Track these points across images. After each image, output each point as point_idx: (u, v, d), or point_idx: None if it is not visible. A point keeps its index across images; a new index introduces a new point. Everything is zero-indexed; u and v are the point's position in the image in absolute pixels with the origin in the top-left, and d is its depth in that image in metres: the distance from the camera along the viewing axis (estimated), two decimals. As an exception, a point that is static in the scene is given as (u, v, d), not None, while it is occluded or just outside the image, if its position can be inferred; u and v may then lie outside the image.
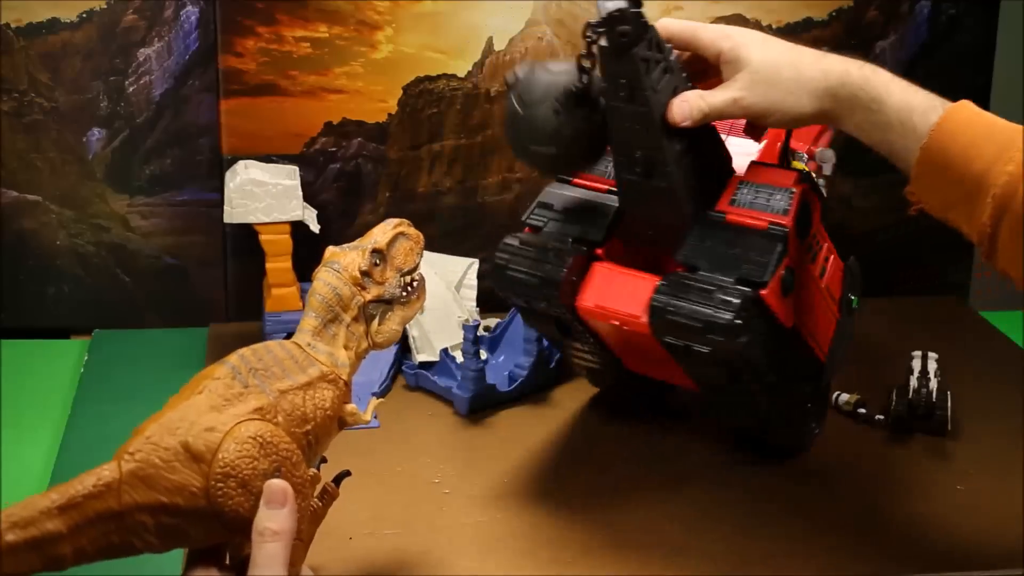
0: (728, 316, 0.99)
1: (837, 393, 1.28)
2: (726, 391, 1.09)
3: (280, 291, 1.38)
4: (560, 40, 1.49)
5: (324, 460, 0.94)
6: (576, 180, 1.14)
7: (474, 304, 1.42)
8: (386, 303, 0.95)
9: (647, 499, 1.12)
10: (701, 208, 1.07)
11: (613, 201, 1.11)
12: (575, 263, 1.08)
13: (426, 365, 1.32)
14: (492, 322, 1.40)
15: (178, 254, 1.51)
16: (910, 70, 1.57)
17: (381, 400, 0.99)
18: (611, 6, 0.97)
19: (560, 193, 1.14)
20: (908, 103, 0.97)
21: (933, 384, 1.26)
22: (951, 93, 1.57)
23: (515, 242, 1.11)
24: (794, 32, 1.53)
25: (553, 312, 1.11)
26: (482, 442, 1.23)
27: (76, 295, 1.51)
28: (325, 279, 0.94)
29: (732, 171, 1.10)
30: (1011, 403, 1.30)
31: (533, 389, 1.30)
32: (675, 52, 1.04)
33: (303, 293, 1.40)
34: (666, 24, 1.03)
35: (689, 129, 1.02)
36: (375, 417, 1.21)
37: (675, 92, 1.02)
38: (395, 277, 0.96)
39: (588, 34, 0.99)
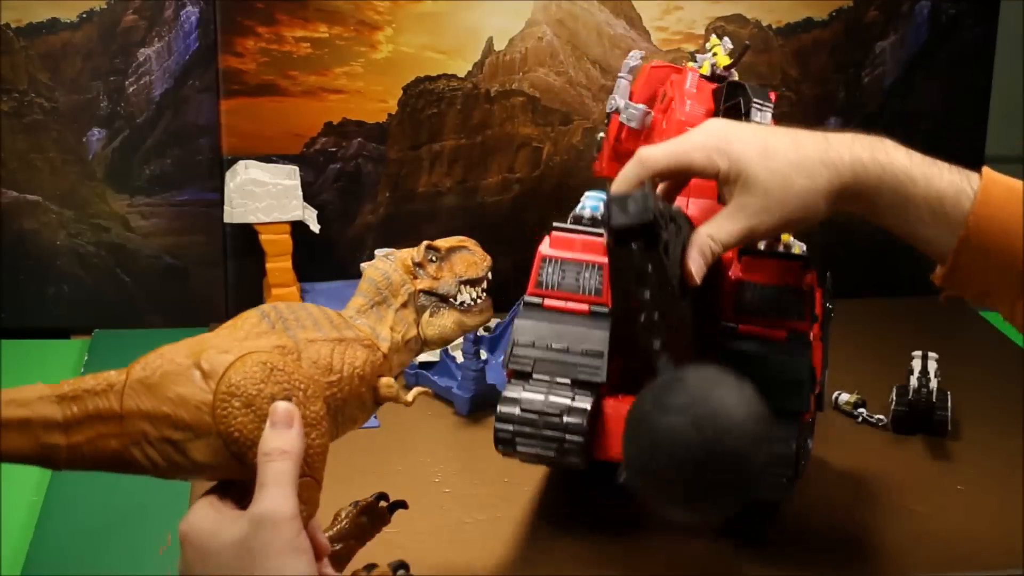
0: (785, 452, 0.97)
1: (837, 393, 1.28)
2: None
3: (280, 291, 1.38)
4: (560, 40, 1.49)
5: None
6: (548, 304, 1.02)
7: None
8: (440, 299, 0.93)
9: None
10: (709, 327, 1.00)
11: (598, 324, 1.00)
12: (589, 421, 0.98)
13: (426, 365, 1.32)
14: (492, 322, 1.40)
15: (178, 254, 1.51)
16: (910, 70, 1.57)
17: (425, 390, 0.94)
18: (620, 221, 0.81)
19: (534, 325, 1.01)
20: (936, 191, 0.89)
21: (933, 384, 1.26)
22: (951, 93, 1.58)
23: (514, 410, 0.98)
24: (794, 32, 1.53)
25: (572, 464, 1.01)
26: (482, 442, 1.23)
27: (76, 295, 1.51)
28: (377, 265, 0.93)
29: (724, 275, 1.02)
30: (1011, 403, 1.30)
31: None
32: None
33: (303, 293, 1.40)
34: (653, 161, 0.91)
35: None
36: (375, 417, 1.21)
37: (684, 247, 0.90)
38: (452, 279, 0.94)
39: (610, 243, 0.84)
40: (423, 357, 1.33)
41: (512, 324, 1.33)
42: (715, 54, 1.13)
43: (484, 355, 1.32)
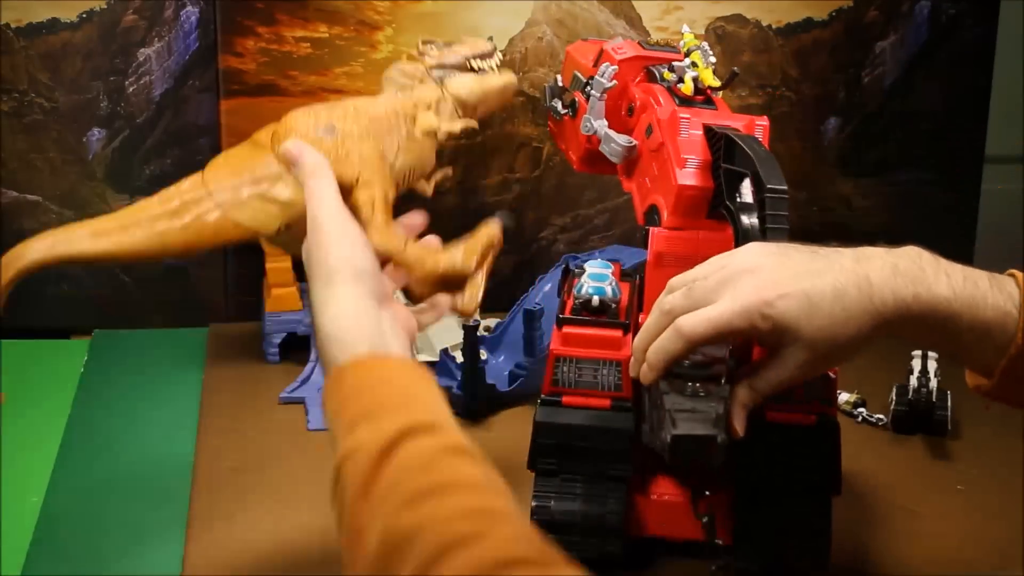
0: (822, 533, 0.99)
1: (837, 393, 1.28)
2: None
3: (280, 291, 1.38)
4: (560, 40, 1.48)
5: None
6: (567, 400, 1.01)
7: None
8: (454, 68, 1.02)
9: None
10: None
11: (622, 419, 1.00)
12: (627, 517, 1.01)
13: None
14: (492, 322, 1.40)
15: (178, 254, 1.51)
16: (910, 70, 1.57)
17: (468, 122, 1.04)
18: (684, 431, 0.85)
19: (556, 424, 1.01)
20: (981, 321, 0.88)
21: (933, 384, 1.26)
22: (951, 93, 1.58)
23: (547, 518, 0.99)
24: (794, 32, 1.53)
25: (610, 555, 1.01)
26: (482, 442, 1.22)
27: (76, 295, 1.51)
28: (388, 69, 1.03)
29: None
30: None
31: (533, 389, 1.30)
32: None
33: (303, 293, 1.40)
34: (694, 335, 0.87)
35: None
36: None
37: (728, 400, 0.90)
38: (457, 55, 1.03)
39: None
40: (423, 357, 1.32)
41: (514, 317, 1.35)
42: (695, 64, 1.06)
43: (484, 355, 1.32)
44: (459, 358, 1.29)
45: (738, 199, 0.93)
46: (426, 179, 1.01)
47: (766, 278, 0.86)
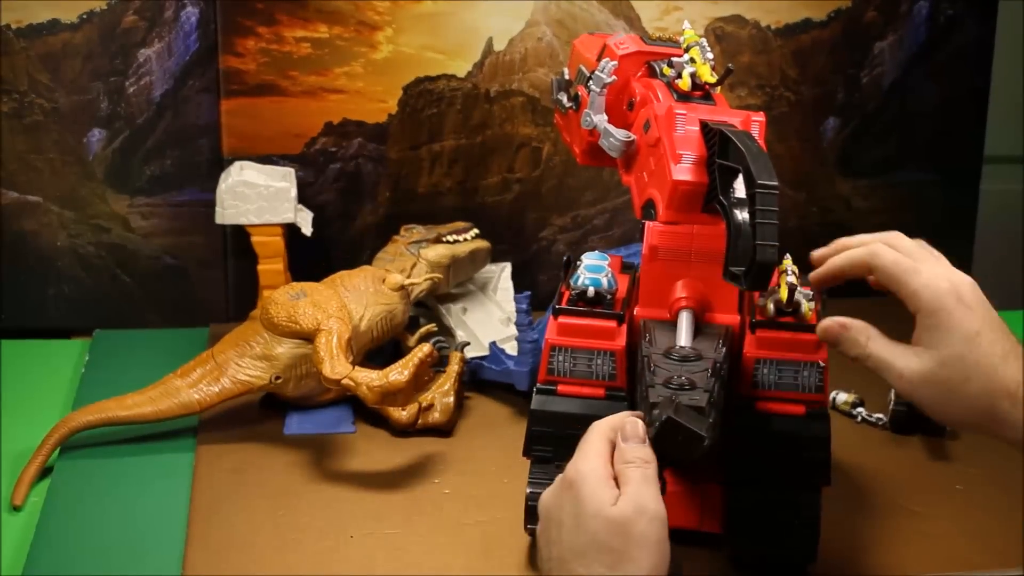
0: (811, 524, 1.00)
1: (835, 393, 1.28)
2: None
3: (270, 293, 1.38)
4: (560, 40, 1.49)
5: None
6: (562, 389, 1.02)
7: (514, 304, 1.40)
8: (429, 242, 1.36)
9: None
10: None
11: (615, 407, 0.99)
12: None
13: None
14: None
15: (178, 254, 1.51)
16: (909, 70, 1.57)
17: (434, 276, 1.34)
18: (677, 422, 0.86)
19: (550, 411, 1.02)
20: None
21: (933, 384, 1.26)
22: (950, 93, 1.59)
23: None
24: (793, 33, 1.53)
25: None
26: (482, 442, 1.23)
27: (76, 295, 1.51)
28: (375, 256, 1.39)
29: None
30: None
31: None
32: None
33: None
34: (882, 259, 0.94)
35: None
36: (351, 423, 1.23)
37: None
38: (432, 233, 1.37)
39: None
40: (474, 353, 1.33)
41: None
42: (693, 60, 1.07)
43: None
44: (508, 350, 1.30)
45: (731, 195, 0.94)
46: (404, 328, 1.31)
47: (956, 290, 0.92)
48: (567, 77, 1.20)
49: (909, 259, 0.94)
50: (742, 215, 0.92)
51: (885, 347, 0.93)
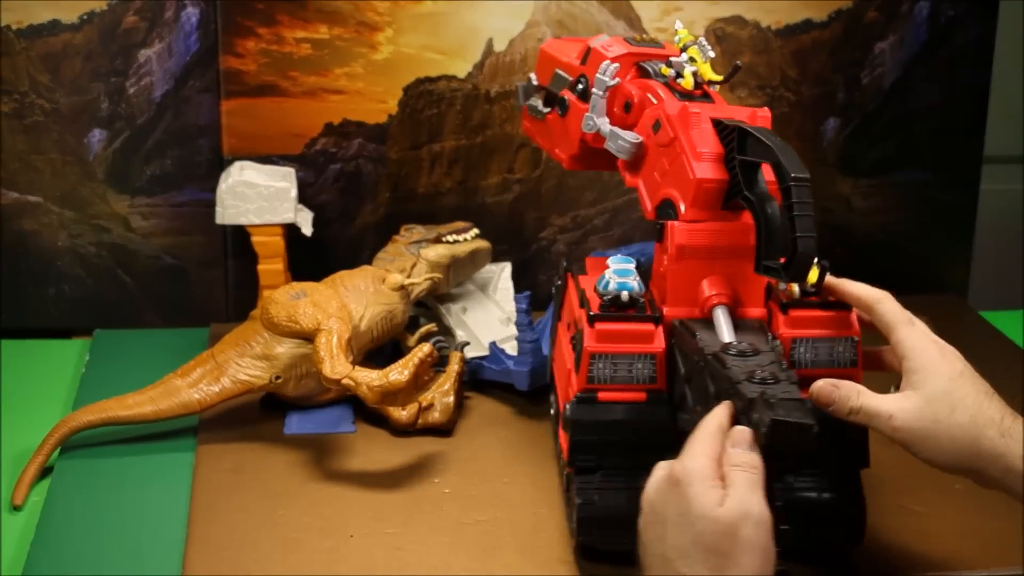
0: (857, 505, 1.02)
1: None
2: None
3: (270, 293, 1.38)
4: (560, 41, 1.49)
5: None
6: (602, 396, 1.01)
7: (514, 304, 1.40)
8: (429, 242, 1.36)
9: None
10: None
11: (658, 410, 1.01)
12: None
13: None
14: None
15: (178, 254, 1.51)
16: (909, 70, 1.57)
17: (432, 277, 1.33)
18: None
19: (594, 420, 1.01)
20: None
21: (932, 384, 1.26)
22: (951, 93, 1.59)
23: (596, 513, 1.01)
24: (793, 33, 1.53)
25: None
26: (482, 442, 1.23)
27: (77, 295, 1.51)
28: (375, 256, 1.38)
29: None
30: (1011, 403, 1.29)
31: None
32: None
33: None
34: (888, 305, 1.00)
35: None
36: (351, 423, 1.23)
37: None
38: (432, 234, 1.37)
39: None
40: (474, 353, 1.33)
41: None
42: (693, 59, 1.08)
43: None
44: (508, 350, 1.30)
45: (756, 189, 0.96)
46: (404, 328, 1.31)
47: (939, 416, 0.95)
48: (535, 83, 1.20)
49: (908, 315, 1.00)
50: (771, 208, 0.95)
51: (873, 398, 0.96)
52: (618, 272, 1.04)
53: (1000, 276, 1.70)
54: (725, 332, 0.97)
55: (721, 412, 0.90)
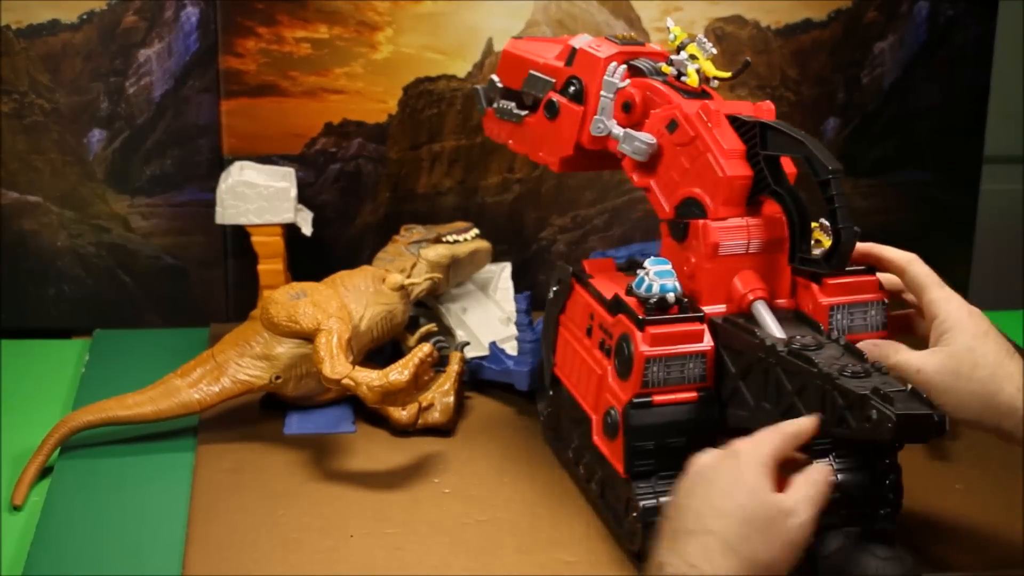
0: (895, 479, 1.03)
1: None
2: None
3: (270, 293, 1.38)
4: (560, 41, 1.49)
5: None
6: (657, 399, 1.01)
7: (514, 304, 1.40)
8: (429, 242, 1.36)
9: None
10: None
11: (708, 408, 1.02)
12: None
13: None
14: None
15: (178, 254, 1.51)
16: (909, 70, 1.57)
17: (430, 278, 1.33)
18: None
19: (652, 425, 1.02)
20: None
21: (933, 384, 1.26)
22: (950, 93, 1.59)
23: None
24: (793, 33, 1.53)
25: None
26: (482, 442, 1.23)
27: (76, 295, 1.51)
28: (375, 256, 1.37)
29: None
30: (1010, 403, 1.30)
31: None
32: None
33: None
34: (919, 267, 1.03)
35: None
36: (351, 423, 1.23)
37: None
38: (432, 234, 1.37)
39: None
40: (474, 353, 1.33)
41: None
42: (693, 57, 1.08)
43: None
44: (508, 350, 1.30)
45: (783, 182, 1.00)
46: (404, 328, 1.31)
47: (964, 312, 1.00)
48: (499, 84, 1.19)
49: (937, 277, 1.03)
50: (801, 201, 0.99)
51: (907, 353, 0.99)
52: (659, 274, 1.03)
53: (1000, 276, 1.70)
54: (772, 326, 0.99)
55: (807, 422, 0.91)
